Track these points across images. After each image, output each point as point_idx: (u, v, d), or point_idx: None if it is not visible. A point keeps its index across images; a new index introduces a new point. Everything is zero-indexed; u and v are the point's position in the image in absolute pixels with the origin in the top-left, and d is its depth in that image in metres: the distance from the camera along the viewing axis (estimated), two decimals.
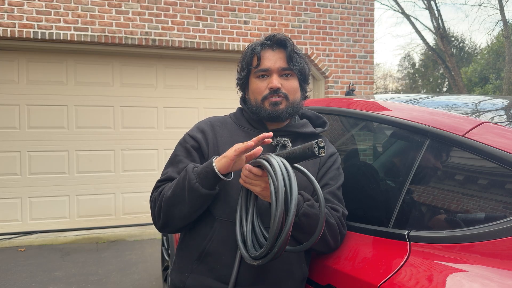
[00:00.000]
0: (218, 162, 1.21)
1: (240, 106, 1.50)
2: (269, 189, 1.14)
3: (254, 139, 1.18)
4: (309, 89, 1.48)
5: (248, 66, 1.38)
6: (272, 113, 1.35)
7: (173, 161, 1.41)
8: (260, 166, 1.16)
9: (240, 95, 1.49)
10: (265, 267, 1.26)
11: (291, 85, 1.37)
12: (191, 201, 1.24)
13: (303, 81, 1.42)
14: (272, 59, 1.35)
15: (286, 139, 1.38)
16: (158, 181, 1.40)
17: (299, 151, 1.10)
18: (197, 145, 1.39)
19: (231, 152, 1.18)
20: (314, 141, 1.05)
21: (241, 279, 1.25)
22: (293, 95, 1.38)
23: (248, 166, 1.18)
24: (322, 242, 1.28)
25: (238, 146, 1.17)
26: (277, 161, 1.10)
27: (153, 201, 1.36)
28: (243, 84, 1.44)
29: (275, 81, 1.34)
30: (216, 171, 1.20)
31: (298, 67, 1.37)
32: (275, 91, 1.34)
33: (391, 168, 1.62)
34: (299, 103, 1.41)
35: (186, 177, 1.24)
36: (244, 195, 1.24)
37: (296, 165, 1.18)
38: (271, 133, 1.20)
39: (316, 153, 1.05)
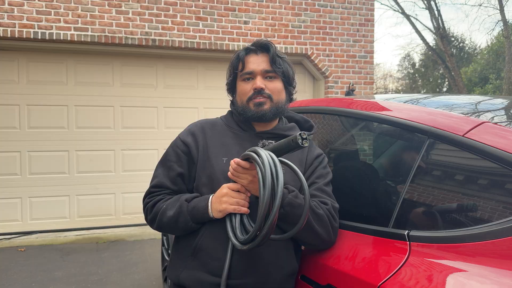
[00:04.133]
0: (214, 211, 1.31)
1: (230, 109, 1.57)
2: (255, 182, 1.26)
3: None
4: (294, 91, 1.55)
5: (234, 71, 1.48)
6: (257, 113, 1.42)
7: (164, 164, 1.50)
8: (248, 159, 1.23)
9: (230, 99, 1.57)
10: (255, 261, 1.31)
11: (275, 86, 1.44)
12: (186, 230, 1.39)
13: (288, 83, 1.48)
14: (256, 62, 1.43)
15: (271, 141, 1.42)
16: (151, 187, 1.50)
17: (284, 143, 1.18)
18: (186, 150, 1.46)
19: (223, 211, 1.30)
20: (298, 133, 1.13)
21: (233, 272, 1.31)
22: (277, 96, 1.44)
23: (237, 160, 1.26)
24: (310, 232, 1.31)
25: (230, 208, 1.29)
26: (265, 152, 1.18)
27: (146, 211, 1.49)
28: (232, 88, 1.52)
29: (259, 82, 1.42)
30: (211, 216, 1.32)
31: (281, 70, 1.44)
32: (259, 91, 1.41)
33: (391, 168, 1.62)
34: (284, 104, 1.47)
35: (181, 216, 1.35)
36: None
37: (282, 159, 1.24)
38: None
39: (300, 143, 1.12)
